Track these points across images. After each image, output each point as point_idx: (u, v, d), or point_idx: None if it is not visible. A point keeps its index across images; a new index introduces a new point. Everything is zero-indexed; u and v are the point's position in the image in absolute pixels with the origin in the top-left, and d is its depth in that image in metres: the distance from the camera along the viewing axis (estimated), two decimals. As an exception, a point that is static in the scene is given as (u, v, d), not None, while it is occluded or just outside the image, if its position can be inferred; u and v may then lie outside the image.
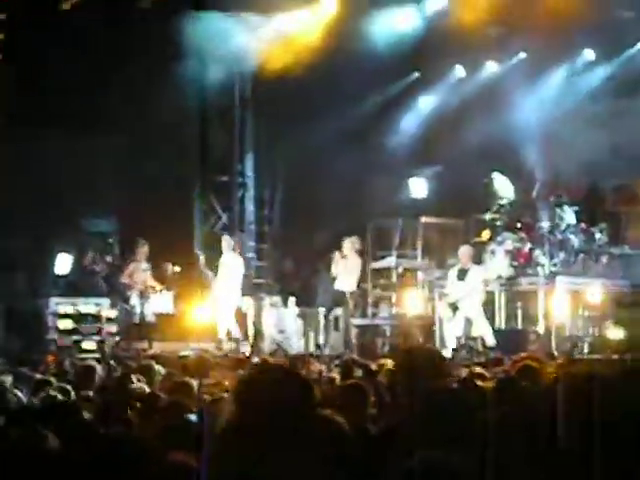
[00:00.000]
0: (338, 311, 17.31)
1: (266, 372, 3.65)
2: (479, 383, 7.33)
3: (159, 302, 17.75)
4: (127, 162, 17.75)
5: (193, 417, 5.02)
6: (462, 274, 16.14)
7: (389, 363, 10.23)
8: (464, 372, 9.39)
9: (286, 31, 18.67)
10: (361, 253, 17.47)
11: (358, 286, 17.47)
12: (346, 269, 16.87)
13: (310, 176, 18.70)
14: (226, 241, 17.58)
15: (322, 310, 17.84)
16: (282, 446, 3.11)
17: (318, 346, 17.16)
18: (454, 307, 16.02)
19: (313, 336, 17.66)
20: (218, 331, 17.13)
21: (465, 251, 16.54)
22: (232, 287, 17.15)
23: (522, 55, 19.43)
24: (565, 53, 19.01)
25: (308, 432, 3.21)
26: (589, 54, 19.30)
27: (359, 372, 8.82)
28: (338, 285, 16.99)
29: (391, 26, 18.70)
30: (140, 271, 17.60)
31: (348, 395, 6.38)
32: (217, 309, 17.21)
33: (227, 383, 8.27)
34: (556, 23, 17.14)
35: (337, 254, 17.02)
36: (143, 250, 17.57)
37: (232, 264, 17.29)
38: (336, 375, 9.59)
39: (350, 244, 17.02)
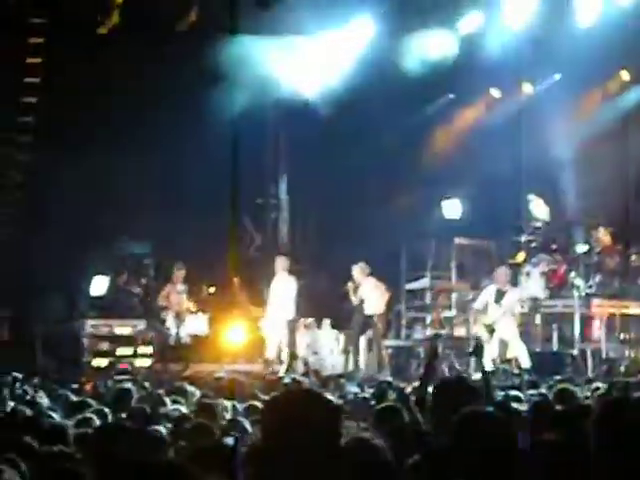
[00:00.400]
0: (370, 333, 17.30)
1: (292, 394, 3.65)
2: (515, 405, 7.31)
3: (194, 324, 17.80)
4: (162, 183, 17.85)
5: (229, 440, 5.04)
6: (499, 296, 16.05)
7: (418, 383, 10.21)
8: (500, 395, 9.35)
9: (321, 53, 18.72)
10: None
11: (387, 307, 17.47)
12: (366, 294, 16.91)
13: (343, 198, 18.73)
14: (280, 261, 17.59)
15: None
16: (308, 470, 3.12)
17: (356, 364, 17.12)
18: (490, 329, 15.91)
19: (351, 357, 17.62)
20: (267, 351, 17.19)
21: (502, 272, 16.45)
22: (286, 308, 17.17)
23: (557, 76, 19.39)
24: (600, 74, 18.92)
25: (334, 456, 3.22)
26: (624, 75, 19.22)
27: (393, 395, 8.79)
28: (366, 310, 17.03)
29: (426, 49, 18.71)
30: (176, 293, 17.68)
31: (382, 416, 6.38)
32: (267, 329, 17.27)
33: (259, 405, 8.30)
34: (591, 43, 17.11)
35: (350, 284, 17.09)
36: (180, 273, 17.70)
37: (286, 285, 17.33)
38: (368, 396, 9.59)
39: (360, 270, 17.05)
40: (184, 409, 8.07)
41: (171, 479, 2.97)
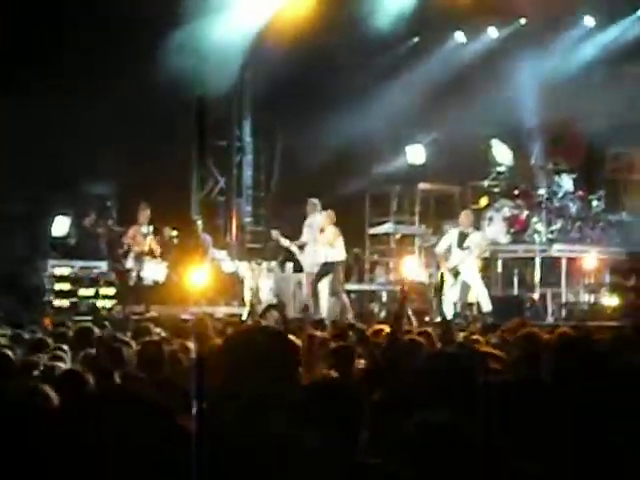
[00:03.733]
0: (330, 278, 17.20)
1: (251, 332, 3.67)
2: (476, 347, 7.37)
3: (154, 269, 17.71)
4: (126, 126, 17.66)
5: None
6: (462, 238, 16.09)
7: (386, 328, 10.28)
8: (460, 336, 9.43)
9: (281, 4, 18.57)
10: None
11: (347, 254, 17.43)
12: (326, 241, 16.79)
13: (308, 142, 18.66)
14: (312, 204, 17.41)
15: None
16: (267, 406, 3.14)
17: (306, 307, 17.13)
18: (454, 271, 15.98)
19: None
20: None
21: (466, 215, 16.52)
22: (318, 249, 17.03)
23: (522, 21, 19.34)
24: (565, 19, 18.90)
25: (293, 393, 3.24)
26: (589, 21, 19.21)
27: (353, 337, 8.83)
28: (329, 257, 16.87)
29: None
30: (140, 234, 17.60)
31: (338, 356, 6.44)
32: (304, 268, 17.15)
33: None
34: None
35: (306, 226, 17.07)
36: (145, 214, 17.56)
37: (319, 226, 17.14)
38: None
39: (326, 216, 16.96)
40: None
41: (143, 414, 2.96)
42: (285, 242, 17.45)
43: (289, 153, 20.05)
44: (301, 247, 17.40)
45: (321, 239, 16.87)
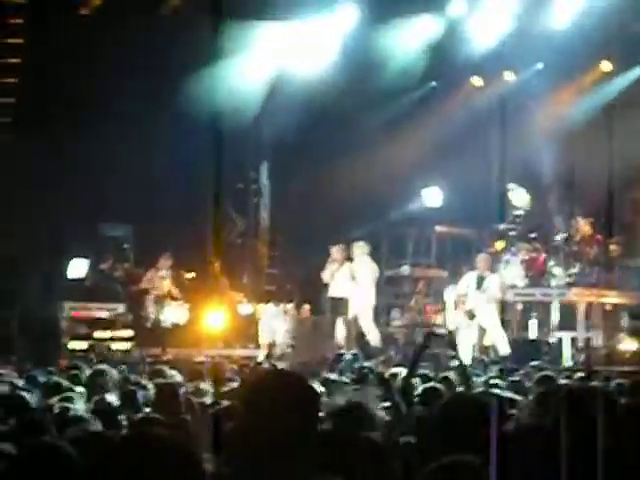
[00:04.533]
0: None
1: (273, 377, 3.65)
2: (496, 391, 7.34)
3: (175, 312, 17.74)
4: (144, 168, 17.77)
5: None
6: (480, 282, 16.07)
7: (402, 372, 10.24)
8: (480, 381, 9.39)
9: (306, 40, 18.70)
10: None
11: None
12: (339, 276, 16.87)
13: (325, 185, 18.71)
14: (359, 247, 17.44)
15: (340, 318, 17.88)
16: (287, 452, 3.12)
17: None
18: (471, 315, 15.95)
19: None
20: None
21: (483, 258, 16.50)
22: (368, 292, 17.04)
23: (539, 66, 19.41)
24: (582, 64, 18.96)
25: (314, 438, 3.22)
26: (606, 66, 19.26)
27: (373, 380, 8.79)
28: (332, 292, 16.93)
29: (410, 36, 18.72)
30: (159, 278, 17.66)
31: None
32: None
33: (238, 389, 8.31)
34: (573, 33, 17.16)
35: (330, 260, 17.08)
36: (166, 263, 17.74)
37: (367, 269, 17.16)
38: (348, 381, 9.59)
39: (341, 251, 17.06)
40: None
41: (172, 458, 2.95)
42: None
43: (305, 196, 20.09)
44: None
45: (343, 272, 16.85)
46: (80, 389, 8.15)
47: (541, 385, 7.32)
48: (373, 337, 17.03)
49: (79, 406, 6.97)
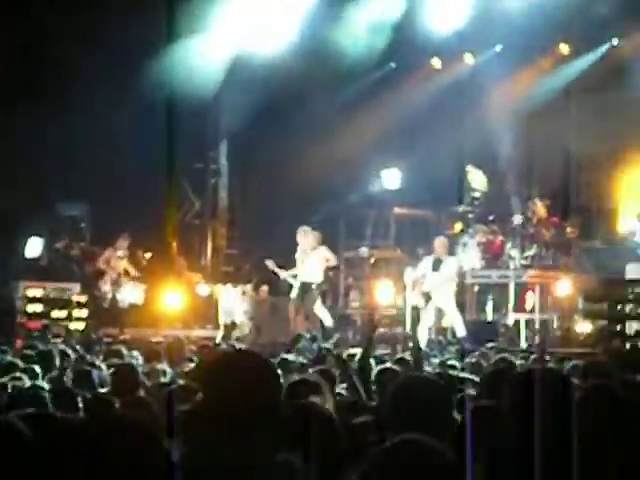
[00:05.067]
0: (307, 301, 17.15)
1: (232, 356, 3.65)
2: (451, 372, 7.39)
3: (131, 292, 17.66)
4: (101, 147, 17.64)
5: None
6: (437, 264, 16.15)
7: (359, 353, 10.27)
8: (436, 362, 9.45)
9: (264, 17, 18.63)
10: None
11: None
12: (311, 261, 16.80)
13: (283, 166, 18.67)
14: (303, 231, 17.21)
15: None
16: (248, 432, 3.12)
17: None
18: (427, 297, 16.04)
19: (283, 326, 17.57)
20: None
21: (441, 241, 16.57)
22: (315, 273, 16.97)
23: (498, 48, 19.46)
24: (540, 47, 19.03)
25: (275, 418, 3.22)
26: (565, 48, 19.35)
27: (331, 361, 8.81)
28: (303, 277, 16.84)
29: (369, 16, 18.70)
30: (116, 258, 17.57)
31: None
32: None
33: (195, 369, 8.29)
34: (532, 14, 17.22)
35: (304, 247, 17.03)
36: (124, 243, 17.64)
37: (319, 256, 17.07)
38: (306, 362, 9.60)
39: (316, 237, 16.95)
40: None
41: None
42: (281, 273, 17.27)
43: (264, 177, 20.05)
44: (295, 276, 17.23)
45: (315, 257, 16.78)
46: (35, 368, 8.09)
47: (497, 366, 7.36)
48: (325, 318, 17.05)
49: (33, 385, 6.93)
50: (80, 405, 5.95)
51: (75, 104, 16.74)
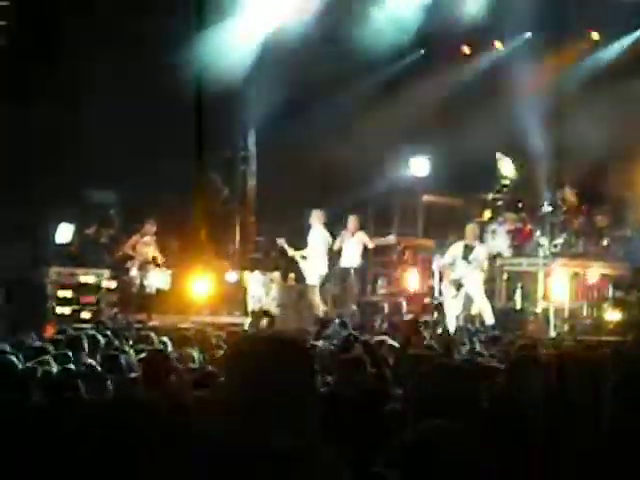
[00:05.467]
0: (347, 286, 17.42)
1: (260, 341, 3.62)
2: (479, 360, 7.37)
3: (158, 278, 17.74)
4: (131, 134, 17.68)
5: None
6: (467, 251, 16.12)
7: (387, 339, 10.28)
8: (464, 350, 9.43)
9: (292, 4, 18.61)
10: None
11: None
12: (352, 246, 17.08)
13: (312, 153, 18.67)
14: (316, 215, 17.59)
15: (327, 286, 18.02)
16: (280, 417, 3.10)
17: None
18: (458, 284, 16.02)
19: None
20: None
21: (471, 228, 16.55)
22: (320, 261, 17.21)
23: (528, 35, 19.35)
24: (570, 34, 18.91)
25: (309, 402, 3.20)
26: (594, 36, 19.21)
27: (359, 348, 8.81)
28: (344, 262, 17.15)
29: (398, 2, 18.65)
30: (143, 243, 17.65)
31: (347, 368, 6.41)
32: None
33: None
34: (563, 3, 17.11)
35: (344, 232, 17.23)
36: (151, 229, 17.74)
37: (321, 238, 17.35)
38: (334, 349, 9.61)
39: (355, 221, 17.24)
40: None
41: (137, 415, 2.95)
42: (290, 251, 17.56)
43: (293, 165, 20.04)
44: (304, 257, 17.46)
45: (354, 242, 16.95)
46: (66, 353, 8.16)
47: (522, 354, 7.33)
48: (317, 305, 17.18)
49: (64, 369, 6.98)
50: (110, 389, 6.00)
51: (106, 91, 16.81)
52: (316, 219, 17.49)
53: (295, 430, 3.06)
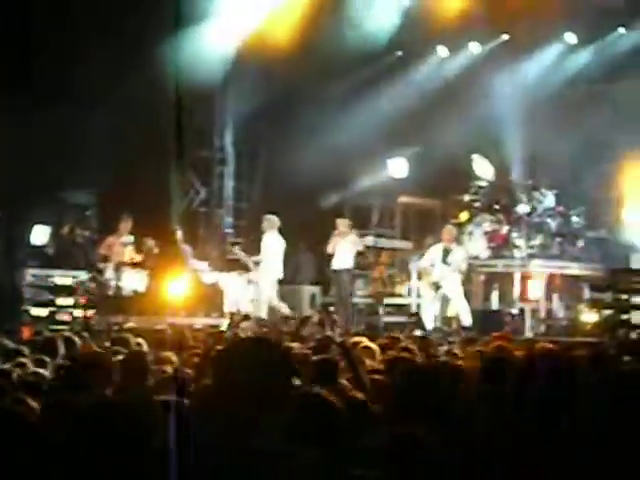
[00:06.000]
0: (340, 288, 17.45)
1: (244, 344, 3.64)
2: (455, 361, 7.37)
3: (133, 279, 17.66)
4: (107, 135, 17.62)
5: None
6: (445, 254, 16.18)
7: (365, 341, 10.28)
8: (441, 351, 9.45)
9: (269, 9, 18.59)
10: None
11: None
12: (342, 248, 17.10)
13: (290, 154, 18.66)
14: (268, 220, 17.55)
15: (304, 287, 18.01)
16: (258, 416, 3.11)
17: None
18: (436, 286, 16.08)
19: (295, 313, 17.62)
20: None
21: (449, 231, 16.61)
22: (273, 266, 17.19)
23: (505, 37, 19.42)
24: (547, 36, 19.00)
25: (286, 403, 3.22)
26: (571, 38, 19.30)
27: (335, 350, 8.80)
28: (335, 264, 17.17)
29: (374, 6, 18.67)
30: (119, 244, 17.57)
31: (320, 369, 6.42)
32: (259, 286, 17.24)
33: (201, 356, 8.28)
34: (539, 5, 17.17)
35: (335, 233, 17.23)
36: (126, 225, 17.61)
37: (274, 243, 17.32)
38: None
39: (346, 224, 17.29)
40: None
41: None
42: (243, 258, 17.54)
43: (270, 164, 20.04)
44: (257, 263, 17.47)
45: (346, 243, 16.96)
46: (43, 358, 8.11)
47: (496, 355, 7.35)
48: (279, 306, 17.21)
49: (39, 371, 6.95)
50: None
51: (79, 91, 16.75)
52: (269, 225, 17.48)
53: (273, 431, 3.07)
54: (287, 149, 18.65)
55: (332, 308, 17.50)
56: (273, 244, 17.35)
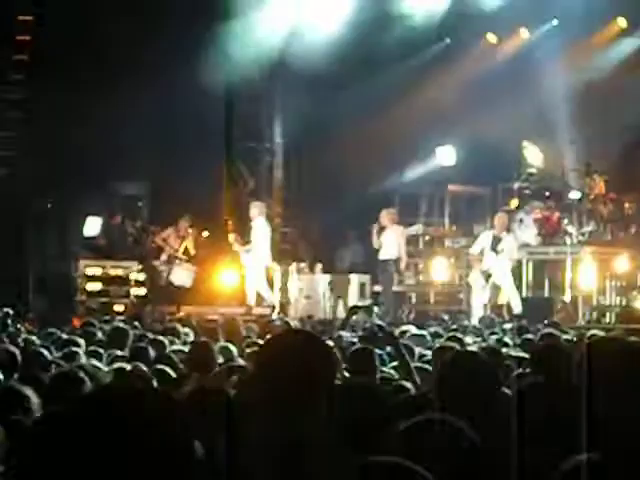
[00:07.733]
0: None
1: (288, 334, 3.65)
2: (504, 350, 7.37)
3: (182, 275, 17.74)
4: (159, 126, 17.75)
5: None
6: (495, 242, 16.06)
7: (413, 330, 10.29)
8: (491, 339, 9.42)
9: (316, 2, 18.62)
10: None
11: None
12: (387, 239, 17.00)
13: (338, 143, 18.67)
14: (257, 207, 17.54)
15: (353, 276, 17.97)
16: (303, 412, 3.13)
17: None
18: (487, 274, 15.99)
19: (342, 302, 17.63)
20: (247, 297, 17.16)
21: (500, 218, 16.47)
22: (262, 253, 17.17)
23: (554, 22, 19.25)
24: (597, 21, 18.79)
25: (329, 398, 3.23)
26: (621, 22, 19.09)
27: (382, 338, 8.81)
28: (382, 255, 17.07)
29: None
30: (175, 237, 17.70)
31: (360, 358, 6.42)
32: (247, 274, 17.25)
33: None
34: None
35: (375, 226, 17.12)
36: (185, 224, 17.78)
37: (262, 230, 17.30)
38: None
39: (390, 215, 17.17)
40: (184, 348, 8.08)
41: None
42: (235, 246, 17.48)
43: (318, 155, 20.05)
44: (248, 251, 17.39)
45: (393, 234, 16.92)
46: (94, 346, 8.22)
47: (546, 343, 7.32)
48: (266, 294, 17.17)
49: (92, 362, 7.02)
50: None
51: (135, 85, 16.87)
52: (257, 211, 17.39)
53: (311, 419, 3.09)
54: (334, 139, 18.65)
55: (380, 297, 17.45)
56: (261, 230, 17.25)
